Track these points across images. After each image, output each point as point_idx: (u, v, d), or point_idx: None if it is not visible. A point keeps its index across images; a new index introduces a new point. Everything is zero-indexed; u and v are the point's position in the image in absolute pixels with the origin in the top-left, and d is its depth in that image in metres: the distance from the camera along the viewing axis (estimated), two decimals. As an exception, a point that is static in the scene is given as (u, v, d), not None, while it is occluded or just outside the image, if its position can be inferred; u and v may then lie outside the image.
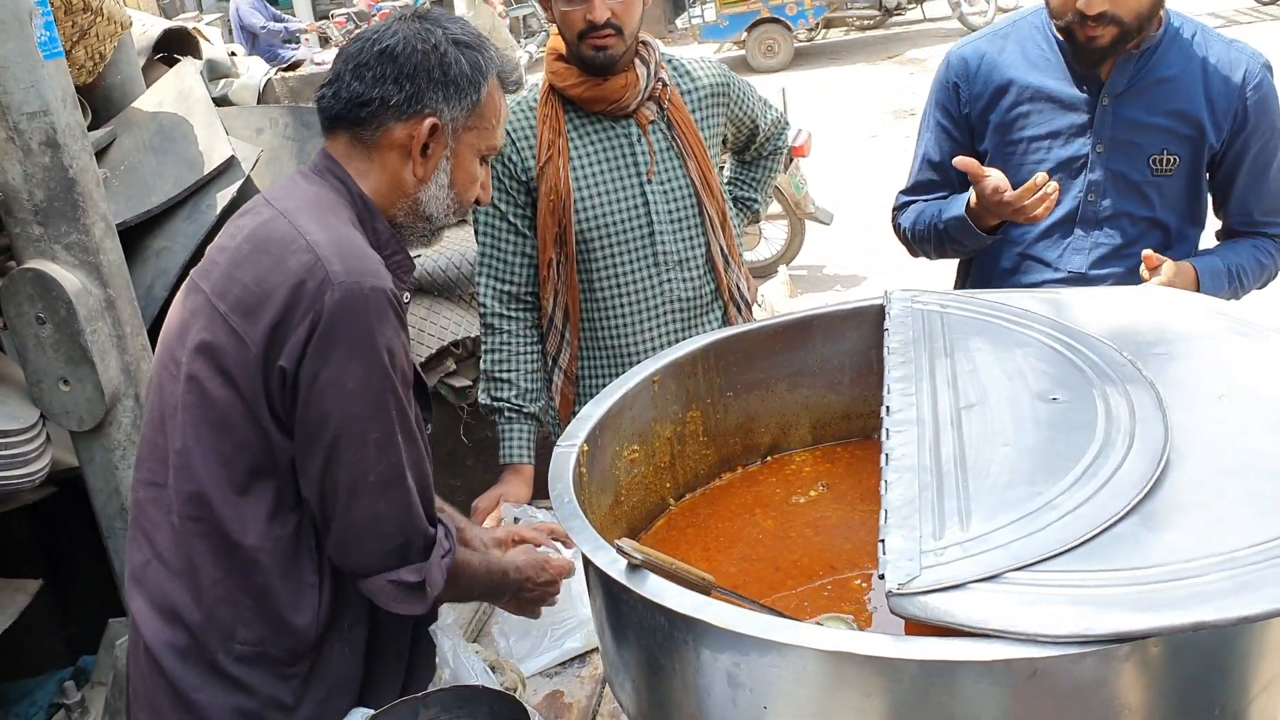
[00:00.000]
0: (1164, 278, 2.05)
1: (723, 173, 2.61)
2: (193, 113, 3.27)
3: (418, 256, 3.47)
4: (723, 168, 2.62)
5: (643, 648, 1.21)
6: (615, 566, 1.18)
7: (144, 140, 3.19)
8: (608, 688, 1.74)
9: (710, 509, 1.79)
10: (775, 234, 7.22)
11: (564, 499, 1.36)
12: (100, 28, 3.00)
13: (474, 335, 3.43)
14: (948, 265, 2.54)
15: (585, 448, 1.51)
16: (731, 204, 2.59)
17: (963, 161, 2.12)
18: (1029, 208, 2.06)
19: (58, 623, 3.31)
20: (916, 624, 1.03)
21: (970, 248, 2.33)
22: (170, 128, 3.22)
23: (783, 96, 7.09)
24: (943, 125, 2.39)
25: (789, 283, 6.13)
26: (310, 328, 1.42)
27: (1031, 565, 1.05)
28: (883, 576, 1.06)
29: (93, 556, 2.92)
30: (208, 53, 4.32)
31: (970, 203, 2.20)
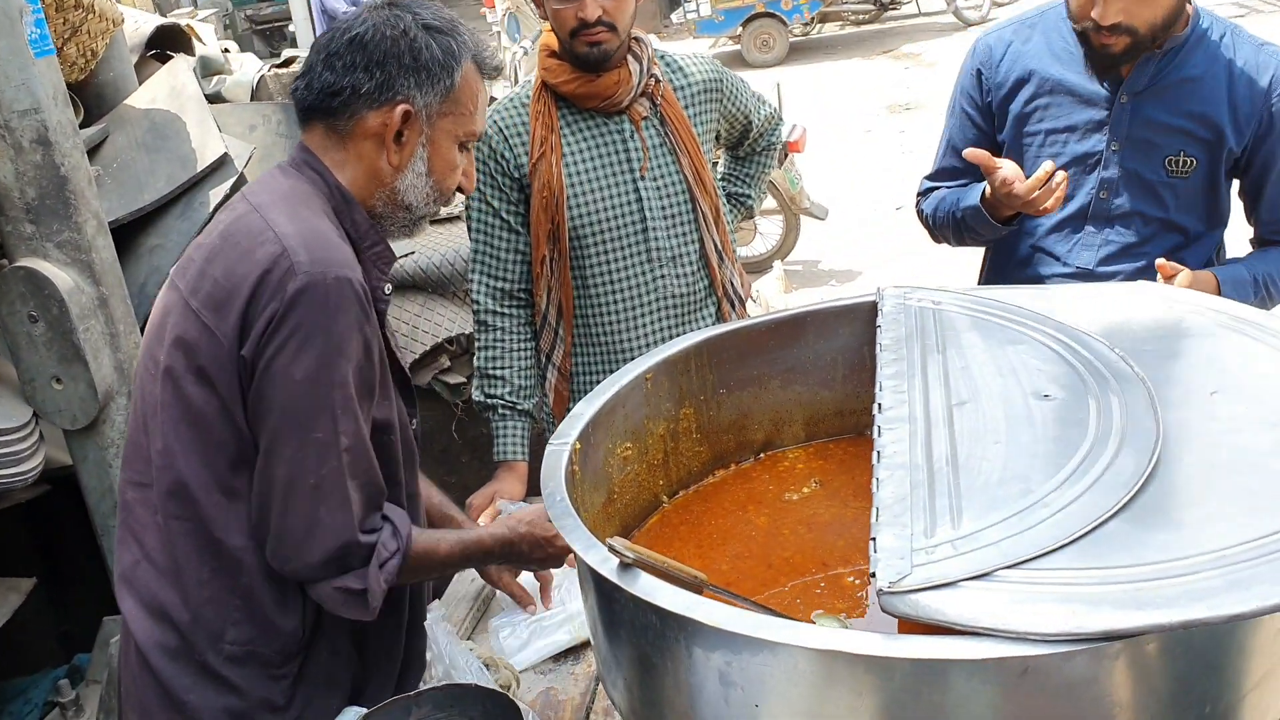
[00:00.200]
0: (1180, 285, 1.98)
1: (716, 169, 2.61)
2: (185, 110, 3.25)
3: (412, 254, 3.46)
4: (716, 164, 2.62)
5: (635, 646, 1.21)
6: (607, 565, 1.18)
7: (136, 138, 3.18)
8: (601, 685, 1.74)
9: (703, 506, 1.79)
10: (770, 229, 7.21)
11: (556, 497, 1.36)
12: (92, 24, 2.99)
13: (468, 332, 3.42)
14: (946, 261, 2.56)
15: (578, 446, 1.51)
16: (725, 200, 2.59)
17: (973, 153, 2.11)
18: (1038, 200, 2.05)
19: (52, 621, 3.31)
20: (908, 622, 1.03)
21: (986, 237, 2.32)
22: (163, 125, 3.21)
23: (778, 91, 7.08)
24: (967, 112, 2.38)
25: (784, 278, 6.13)
26: (270, 316, 1.41)
27: (1022, 563, 1.05)
28: (874, 575, 1.06)
29: (87, 555, 2.92)
30: (200, 49, 4.31)
31: (985, 193, 2.19)
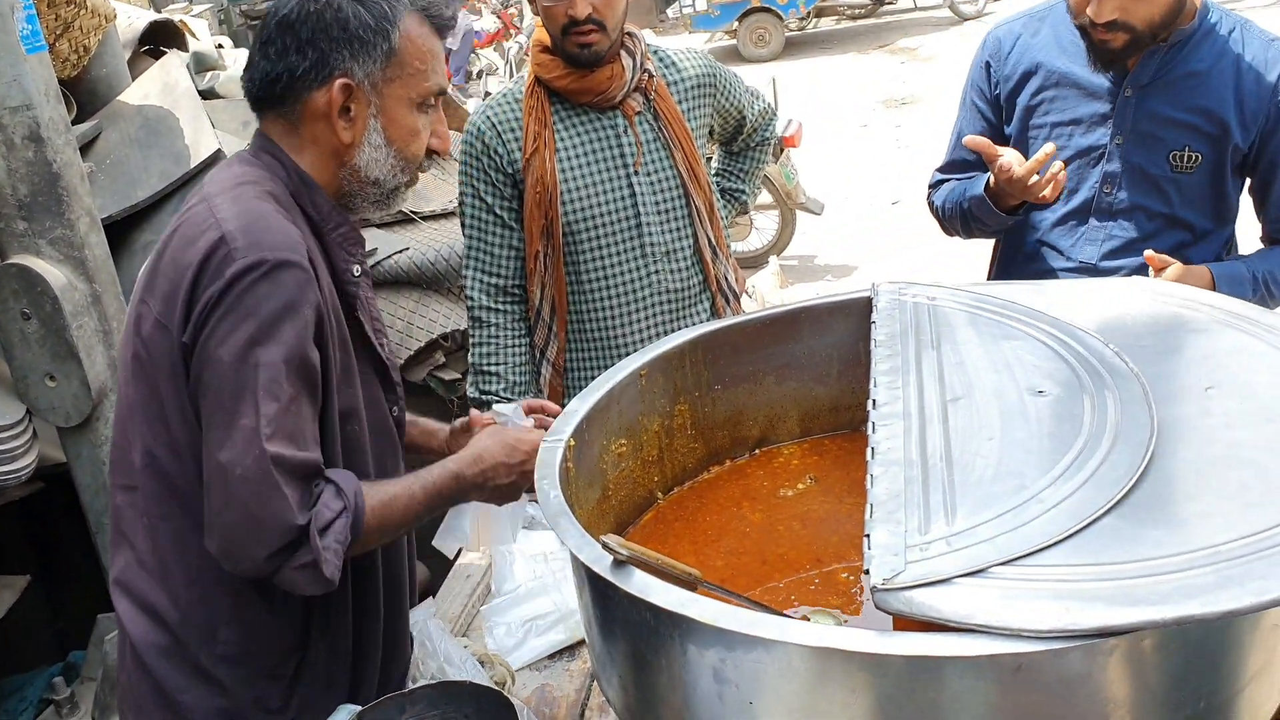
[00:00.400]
0: (1170, 278, 1.98)
1: (710, 164, 2.60)
2: (179, 106, 3.25)
3: (406, 250, 3.45)
4: (710, 159, 2.61)
5: (629, 643, 1.21)
6: (601, 562, 1.18)
7: (129, 134, 3.17)
8: (596, 682, 1.74)
9: (698, 502, 1.78)
10: (766, 224, 7.21)
11: (550, 494, 1.35)
12: (84, 20, 2.98)
13: (463, 328, 3.42)
14: (942, 256, 2.55)
15: (572, 443, 1.50)
16: (719, 195, 2.59)
17: (973, 141, 2.11)
18: (1036, 187, 2.04)
19: (47, 618, 3.30)
20: (902, 619, 1.03)
21: (993, 227, 2.31)
22: (156, 121, 3.20)
23: (773, 86, 7.07)
24: (976, 104, 2.38)
25: (780, 273, 6.12)
26: (207, 300, 1.39)
27: (1017, 559, 1.05)
28: (868, 571, 1.06)
29: (82, 552, 2.92)
30: (194, 45, 4.30)
31: (990, 183, 2.18)
